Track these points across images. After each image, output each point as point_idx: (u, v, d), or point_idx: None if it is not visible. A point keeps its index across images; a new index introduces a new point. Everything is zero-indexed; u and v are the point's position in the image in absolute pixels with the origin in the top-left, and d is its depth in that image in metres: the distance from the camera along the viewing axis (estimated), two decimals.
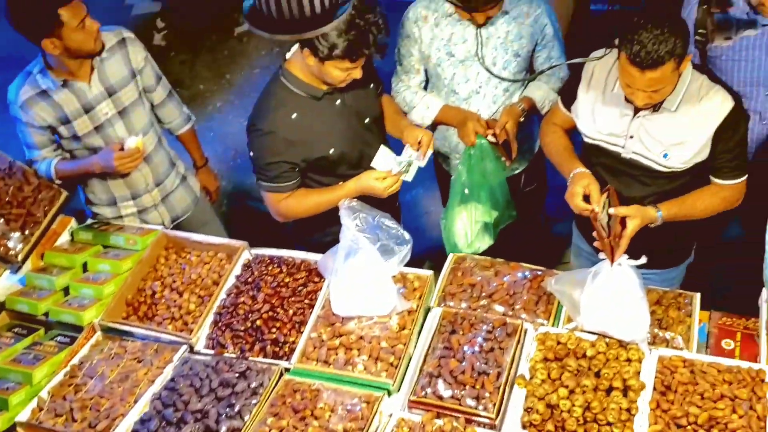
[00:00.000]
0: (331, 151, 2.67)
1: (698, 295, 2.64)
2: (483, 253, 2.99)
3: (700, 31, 2.42)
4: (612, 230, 2.43)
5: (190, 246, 2.94)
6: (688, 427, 2.22)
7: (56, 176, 2.93)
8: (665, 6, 2.59)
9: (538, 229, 3.56)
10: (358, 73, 2.52)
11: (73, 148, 2.94)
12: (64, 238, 3.04)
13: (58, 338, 2.70)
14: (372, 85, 2.77)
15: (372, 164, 2.71)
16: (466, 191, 2.94)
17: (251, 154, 2.71)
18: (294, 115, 2.60)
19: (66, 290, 2.83)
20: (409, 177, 2.73)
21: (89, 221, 3.15)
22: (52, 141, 2.93)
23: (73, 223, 3.07)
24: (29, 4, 2.64)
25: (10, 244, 2.88)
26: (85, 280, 2.83)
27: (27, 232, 2.92)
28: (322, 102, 2.63)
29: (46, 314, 2.74)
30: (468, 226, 3.01)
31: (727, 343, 2.55)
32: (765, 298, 2.48)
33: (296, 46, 2.51)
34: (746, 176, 2.51)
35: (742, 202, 2.56)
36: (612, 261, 2.40)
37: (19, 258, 2.86)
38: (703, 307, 2.65)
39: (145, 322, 2.69)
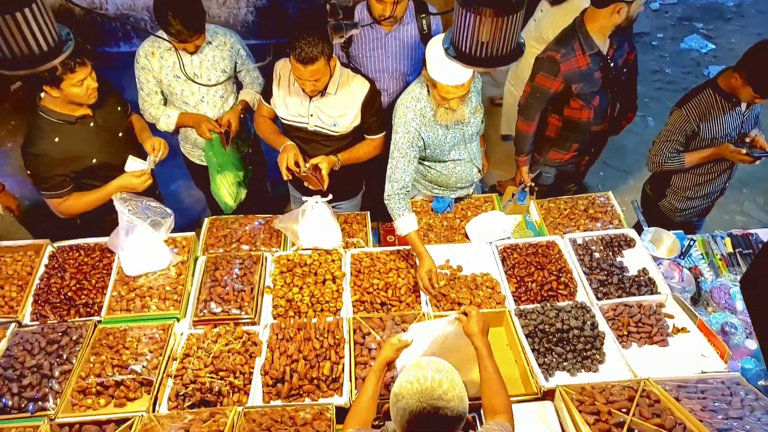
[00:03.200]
0: (94, 161, 2.88)
1: (368, 213, 3.27)
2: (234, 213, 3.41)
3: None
4: (315, 174, 2.94)
5: (3, 251, 3.07)
6: (374, 292, 2.80)
7: None
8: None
9: (265, 191, 4.03)
10: (92, 82, 2.69)
11: None
12: None
13: None
14: (120, 108, 3.01)
15: (125, 169, 2.92)
16: (219, 168, 3.31)
17: (28, 172, 2.79)
18: (56, 139, 2.77)
19: None
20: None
21: None
22: None
23: None
24: None
25: None
26: None
27: None
28: (76, 126, 2.80)
29: None
30: (229, 188, 3.38)
31: (390, 238, 3.22)
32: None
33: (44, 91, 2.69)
34: (384, 132, 3.08)
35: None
36: (324, 189, 2.85)
37: None
38: (373, 219, 3.27)
39: None
